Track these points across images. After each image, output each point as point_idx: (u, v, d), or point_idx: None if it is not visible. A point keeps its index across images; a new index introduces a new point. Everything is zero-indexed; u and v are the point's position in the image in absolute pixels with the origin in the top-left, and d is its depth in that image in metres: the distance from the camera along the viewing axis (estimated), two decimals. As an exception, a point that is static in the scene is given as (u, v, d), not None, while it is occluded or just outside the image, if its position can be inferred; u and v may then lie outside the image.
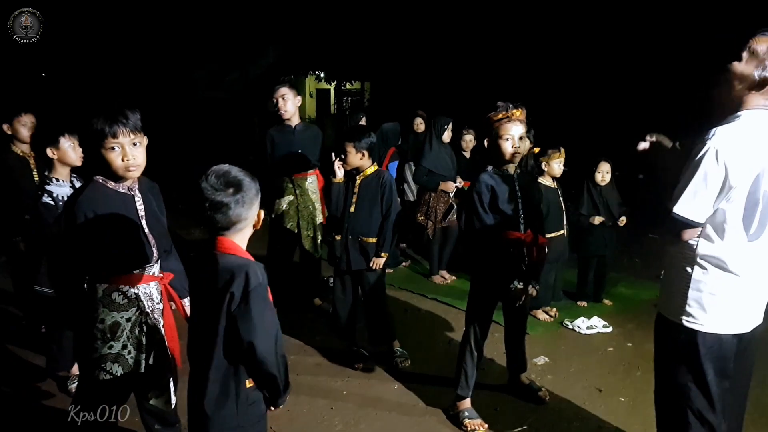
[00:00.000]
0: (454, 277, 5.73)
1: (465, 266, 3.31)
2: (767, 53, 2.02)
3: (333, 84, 18.85)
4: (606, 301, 5.26)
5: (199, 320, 1.92)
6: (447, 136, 5.52)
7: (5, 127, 3.86)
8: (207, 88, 20.44)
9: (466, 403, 3.25)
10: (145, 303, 2.28)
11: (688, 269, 2.19)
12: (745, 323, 2.21)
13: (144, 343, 2.27)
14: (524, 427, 3.21)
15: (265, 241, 4.67)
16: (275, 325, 1.84)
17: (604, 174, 5.01)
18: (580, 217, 5.01)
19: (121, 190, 2.25)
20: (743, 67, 2.06)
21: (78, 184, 3.30)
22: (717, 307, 2.16)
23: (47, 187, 3.20)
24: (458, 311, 4.92)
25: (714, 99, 2.20)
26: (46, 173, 3.27)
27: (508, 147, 3.02)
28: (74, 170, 3.39)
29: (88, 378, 2.20)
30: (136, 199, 2.29)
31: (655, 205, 2.33)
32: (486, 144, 3.09)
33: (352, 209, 3.78)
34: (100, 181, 2.23)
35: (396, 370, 3.84)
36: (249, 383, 1.89)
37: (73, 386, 3.33)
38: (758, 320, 2.24)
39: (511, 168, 3.14)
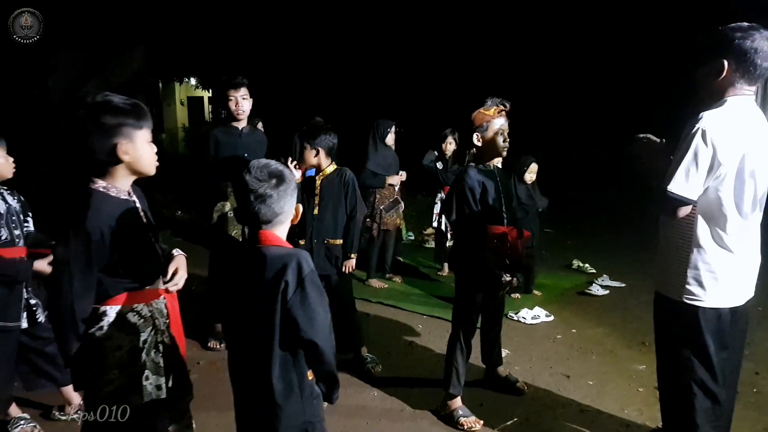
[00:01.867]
0: (399, 279, 5.80)
1: (452, 262, 3.26)
2: (751, 47, 2.17)
3: (208, 91, 18.09)
4: (536, 292, 5.50)
5: (245, 321, 1.82)
6: (390, 139, 5.54)
7: None
8: (62, 97, 18.67)
9: (458, 401, 3.22)
10: (160, 320, 2.02)
11: (686, 249, 2.32)
12: (739, 297, 2.38)
13: (162, 365, 2.00)
14: (515, 419, 3.24)
15: (203, 254, 4.32)
16: (328, 313, 1.80)
17: (532, 174, 5.26)
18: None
19: (122, 197, 1.96)
20: (730, 59, 2.21)
21: (10, 198, 2.84)
22: (715, 283, 2.30)
23: None
24: (407, 313, 4.91)
25: (700, 87, 2.36)
26: None
27: (500, 142, 3.05)
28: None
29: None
30: (138, 205, 2.02)
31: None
32: (477, 140, 3.08)
33: (315, 212, 3.62)
34: (101, 189, 1.91)
35: (369, 376, 3.72)
36: (310, 375, 1.84)
37: (17, 430, 2.87)
38: (750, 293, 2.42)
39: (493, 164, 3.17)
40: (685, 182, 2.17)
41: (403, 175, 5.63)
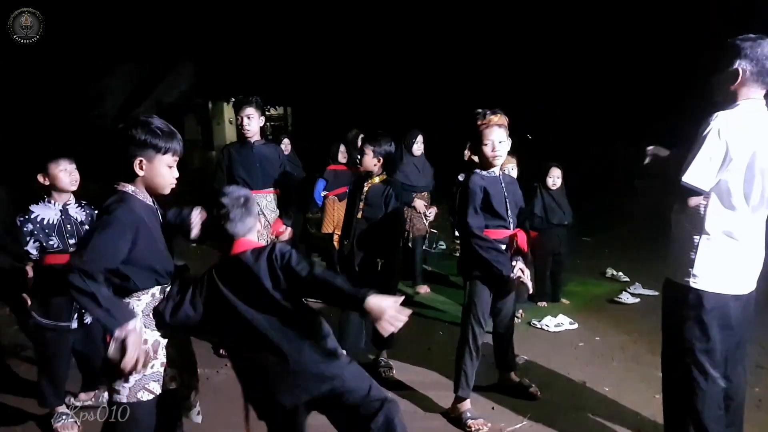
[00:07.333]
0: (426, 287, 5.87)
1: (460, 267, 3.34)
2: (761, 55, 2.33)
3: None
4: (563, 300, 5.46)
5: (250, 316, 2.09)
6: (417, 149, 5.71)
7: None
8: (117, 119, 19.55)
9: (467, 404, 3.26)
10: None
11: (696, 236, 2.45)
12: (743, 286, 2.48)
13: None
14: (524, 423, 3.26)
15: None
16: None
17: (555, 179, 5.25)
18: (534, 218, 5.20)
19: (147, 201, 2.17)
20: (743, 66, 2.35)
21: (73, 210, 3.13)
22: (720, 269, 2.42)
23: (31, 207, 3.03)
24: (430, 320, 4.97)
25: (716, 92, 2.49)
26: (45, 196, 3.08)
27: (488, 151, 3.14)
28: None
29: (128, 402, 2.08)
30: (159, 212, 2.23)
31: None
32: (467, 149, 3.20)
33: (359, 215, 3.77)
34: (130, 191, 2.12)
35: (382, 379, 3.80)
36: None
37: (59, 424, 3.08)
38: (753, 285, 2.51)
39: (495, 170, 3.24)
40: (698, 174, 2.32)
41: (420, 206, 5.67)
